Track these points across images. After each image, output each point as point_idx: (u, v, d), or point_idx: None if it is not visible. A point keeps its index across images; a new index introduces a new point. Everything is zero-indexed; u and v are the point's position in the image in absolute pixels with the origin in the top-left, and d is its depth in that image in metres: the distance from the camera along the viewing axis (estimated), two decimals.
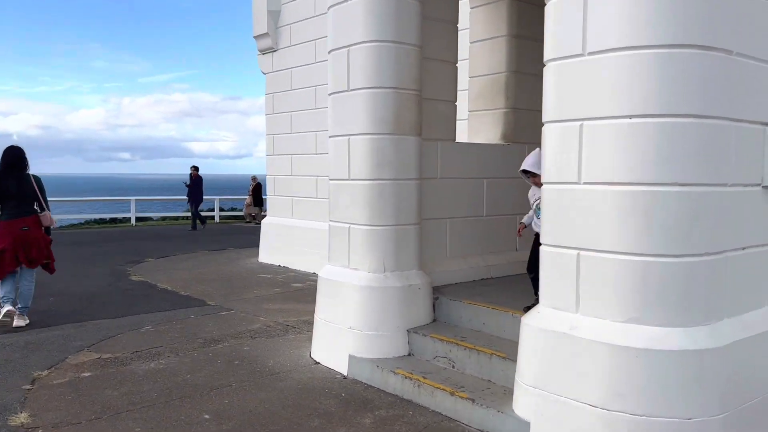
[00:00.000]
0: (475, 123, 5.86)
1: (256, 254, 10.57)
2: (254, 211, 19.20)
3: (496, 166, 5.45)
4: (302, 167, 9.35)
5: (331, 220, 4.76)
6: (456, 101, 5.18)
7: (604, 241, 2.98)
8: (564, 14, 3.10)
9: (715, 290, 2.96)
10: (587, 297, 3.06)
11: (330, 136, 4.72)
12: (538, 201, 3.80)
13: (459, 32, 5.18)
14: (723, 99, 2.89)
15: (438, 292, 4.67)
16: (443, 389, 3.72)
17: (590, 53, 2.99)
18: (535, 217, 4.13)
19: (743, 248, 3.13)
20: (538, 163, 3.70)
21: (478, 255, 5.32)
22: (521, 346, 3.36)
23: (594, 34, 2.96)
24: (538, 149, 3.79)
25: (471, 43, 5.86)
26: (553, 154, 3.21)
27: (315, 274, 8.75)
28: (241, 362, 4.73)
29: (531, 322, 3.29)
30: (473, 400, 3.54)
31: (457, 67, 5.16)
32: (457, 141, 5.23)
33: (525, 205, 5.67)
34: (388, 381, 4.06)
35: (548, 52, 3.23)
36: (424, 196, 4.67)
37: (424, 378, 3.88)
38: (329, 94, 4.72)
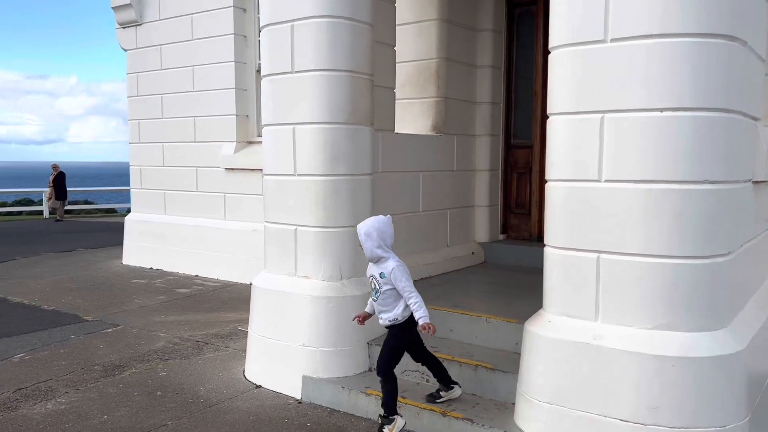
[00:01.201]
0: (401, 112, 5.49)
1: (117, 255, 9.34)
2: (56, 204, 16.26)
3: (430, 159, 5.14)
4: (179, 157, 8.36)
5: (268, 222, 4.15)
6: (394, 88, 4.78)
7: (630, 244, 2.77)
8: None
9: (733, 290, 2.89)
10: (610, 303, 2.84)
11: (265, 125, 4.09)
12: (373, 279, 3.26)
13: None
14: (739, 93, 2.81)
15: None
16: (431, 409, 3.34)
17: (614, 39, 2.75)
18: (376, 305, 3.29)
19: (742, 245, 3.10)
20: (374, 234, 3.17)
21: (416, 253, 4.99)
22: (529, 358, 3.08)
23: (619, 19, 2.73)
24: (382, 218, 3.26)
25: (397, 25, 5.46)
26: (566, 150, 2.94)
27: (198, 277, 7.91)
28: (165, 393, 3.97)
29: (542, 332, 3.02)
30: (471, 420, 3.21)
31: (395, 51, 4.75)
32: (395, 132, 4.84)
33: (458, 199, 5.45)
34: (358, 403, 3.59)
35: (559, 37, 2.95)
36: None
37: (404, 397, 3.47)
38: (263, 76, 4.08)
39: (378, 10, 4.36)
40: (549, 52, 3.01)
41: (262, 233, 6.99)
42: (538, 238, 5.80)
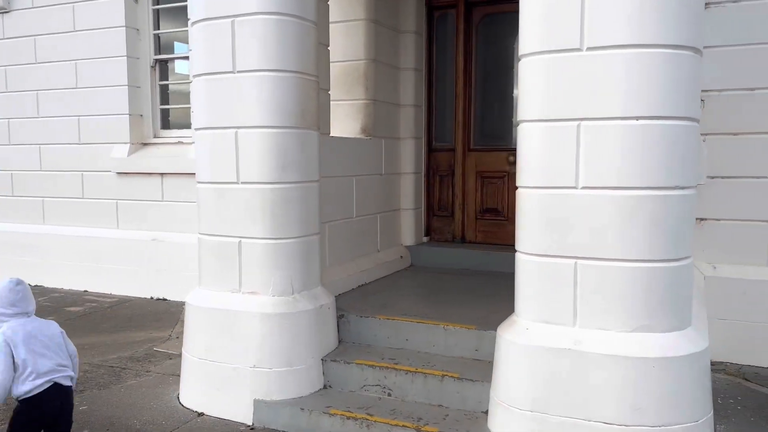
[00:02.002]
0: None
1: None
2: None
3: (363, 163, 5.01)
4: (60, 161, 7.53)
5: (204, 234, 3.81)
6: (329, 90, 4.60)
7: (608, 249, 2.83)
8: (555, 5, 2.84)
9: (692, 288, 3.05)
10: (588, 308, 2.88)
11: (199, 128, 3.75)
12: None
13: None
14: (697, 101, 2.95)
15: (338, 309, 4.08)
16: (404, 425, 3.22)
17: (590, 48, 2.79)
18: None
19: None
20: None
21: (351, 260, 4.84)
22: (506, 366, 3.06)
23: (595, 28, 2.77)
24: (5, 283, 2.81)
25: None
26: (542, 157, 2.95)
27: (88, 293, 7.18)
28: (93, 428, 3.52)
29: (520, 340, 3.01)
30: None
31: (329, 51, 4.57)
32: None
33: (386, 203, 5.37)
34: (321, 425, 3.39)
35: (532, 45, 2.94)
36: None
37: (371, 415, 3.32)
38: (195, 76, 3.74)
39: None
40: (469, 55, 3.01)
41: (163, 243, 6.64)
42: (462, 240, 5.86)
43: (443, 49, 5.82)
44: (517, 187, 3.12)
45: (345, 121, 5.19)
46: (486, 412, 3.28)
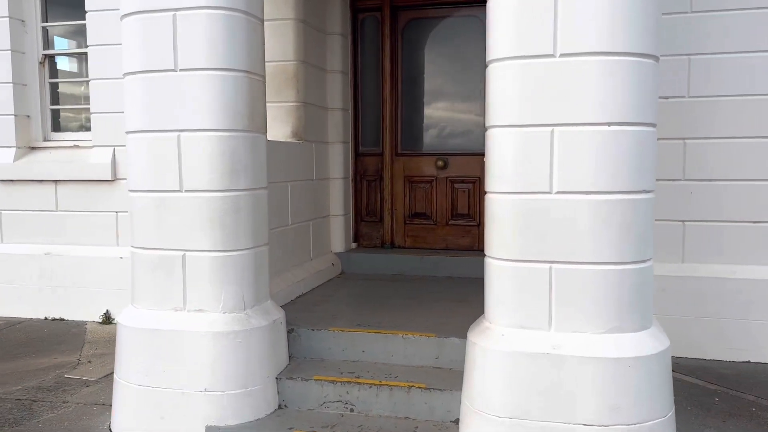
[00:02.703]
0: None
1: None
2: None
3: (297, 168, 4.81)
4: None
5: (139, 248, 3.46)
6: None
7: (581, 253, 2.87)
8: (529, 11, 2.85)
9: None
10: (563, 312, 2.91)
11: (133, 131, 3.41)
12: None
13: None
14: (656, 107, 3.07)
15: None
16: None
17: (563, 55, 2.82)
18: None
19: None
20: None
21: (287, 270, 4.62)
22: (481, 374, 3.01)
23: (568, 35, 2.80)
24: None
25: None
26: (514, 163, 2.94)
27: None
28: None
29: (495, 346, 2.98)
30: None
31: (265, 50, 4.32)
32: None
33: (318, 210, 5.20)
34: None
35: (503, 50, 2.93)
36: None
37: None
38: (128, 74, 3.39)
39: None
40: (395, 59, 2.99)
41: (58, 257, 6.00)
42: (391, 245, 5.80)
43: (368, 52, 5.74)
44: (486, 192, 3.09)
45: (274, 124, 4.95)
46: (456, 421, 3.23)
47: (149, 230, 3.40)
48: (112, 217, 5.91)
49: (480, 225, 5.62)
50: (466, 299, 4.50)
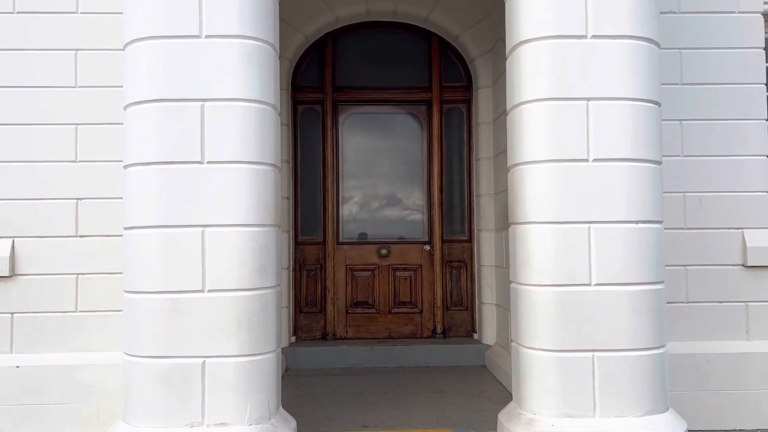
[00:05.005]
0: None
1: None
2: None
3: None
4: None
5: (145, 356, 3.06)
6: None
7: (621, 340, 3.11)
8: (562, 121, 3.15)
9: None
10: (606, 398, 3.09)
11: (142, 227, 3.08)
12: None
13: None
14: None
15: None
16: None
17: (596, 160, 3.14)
18: None
19: None
20: None
21: None
22: None
23: (599, 142, 3.14)
24: None
25: None
26: (555, 258, 3.14)
27: None
28: None
29: None
30: None
31: None
32: None
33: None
34: None
35: (537, 153, 3.18)
36: None
37: None
38: (137, 164, 3.11)
39: None
40: (337, 151, 3.17)
41: None
42: (333, 336, 5.65)
43: (308, 142, 5.76)
44: (513, 283, 3.25)
45: None
46: None
47: (160, 336, 3.03)
48: (6, 319, 5.08)
49: (422, 312, 5.72)
50: (440, 390, 4.53)
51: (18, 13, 4.42)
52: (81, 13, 4.43)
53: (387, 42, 5.76)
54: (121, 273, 3.73)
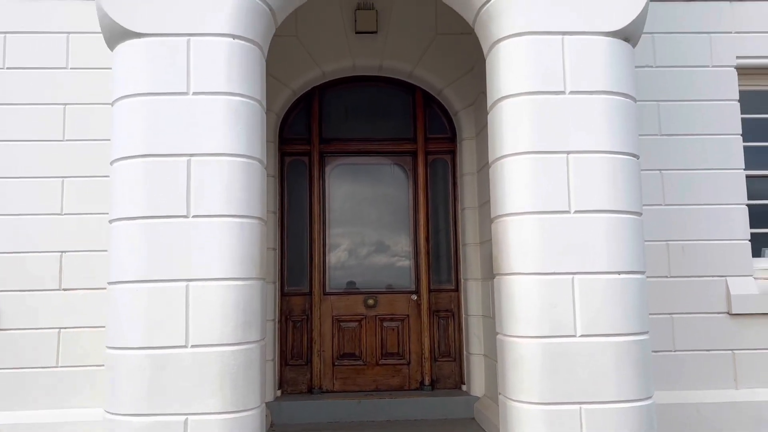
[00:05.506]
0: None
1: None
2: None
3: None
4: None
5: (123, 414, 3.00)
6: None
7: (606, 392, 3.10)
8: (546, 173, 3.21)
9: None
10: None
11: (124, 282, 3.07)
12: None
13: None
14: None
15: None
16: None
17: (577, 211, 3.19)
18: None
19: None
20: None
21: None
22: None
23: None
24: None
25: None
26: (541, 309, 3.15)
27: None
28: None
29: None
30: None
31: None
32: None
33: None
34: None
35: (520, 205, 3.23)
36: None
37: None
38: (122, 219, 3.11)
39: None
40: (324, 201, 3.19)
41: None
42: (320, 390, 5.57)
43: (295, 193, 5.79)
44: (504, 335, 3.25)
45: None
46: None
47: (140, 392, 2.98)
48: None
49: (410, 363, 5.67)
50: None
51: (8, 69, 4.49)
52: (71, 68, 4.51)
53: (373, 95, 5.87)
54: (104, 326, 3.69)
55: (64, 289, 4.36)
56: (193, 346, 3.01)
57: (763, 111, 5.02)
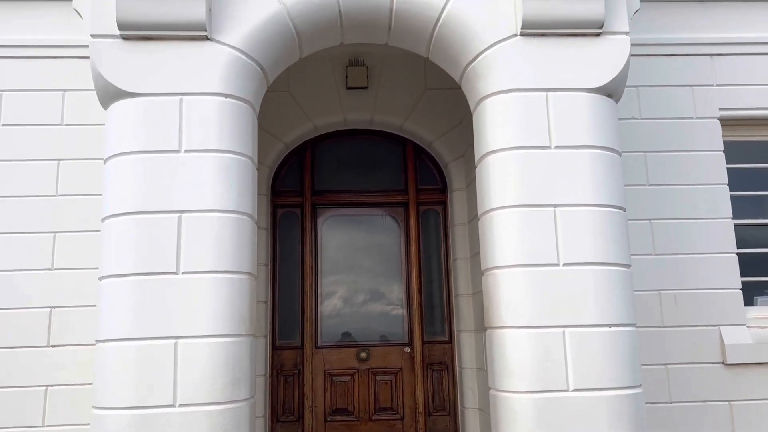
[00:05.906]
0: None
1: None
2: None
3: None
4: None
5: None
6: None
7: None
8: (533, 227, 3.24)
9: None
10: None
11: (111, 340, 3.05)
12: None
13: None
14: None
15: None
16: None
17: (566, 264, 3.20)
18: None
19: None
20: None
21: None
22: None
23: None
24: None
25: None
26: (532, 364, 3.13)
27: None
28: None
29: None
30: None
31: None
32: None
33: None
34: None
35: (509, 259, 3.24)
36: None
37: None
38: (112, 276, 3.11)
39: None
40: (316, 253, 3.20)
41: None
42: None
43: (287, 245, 5.80)
44: (497, 390, 3.21)
45: None
46: None
47: None
48: None
49: (404, 418, 5.57)
50: None
51: (3, 125, 4.55)
52: (66, 125, 4.57)
53: (364, 148, 5.95)
54: (91, 384, 3.64)
55: (53, 345, 4.31)
56: (180, 405, 2.97)
57: (747, 161, 5.10)
